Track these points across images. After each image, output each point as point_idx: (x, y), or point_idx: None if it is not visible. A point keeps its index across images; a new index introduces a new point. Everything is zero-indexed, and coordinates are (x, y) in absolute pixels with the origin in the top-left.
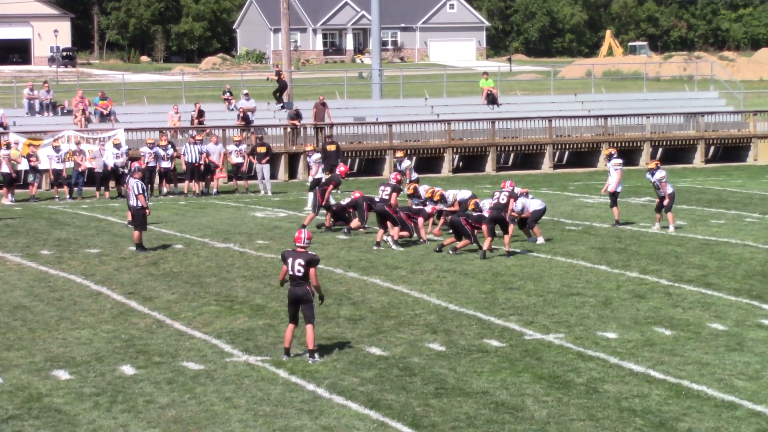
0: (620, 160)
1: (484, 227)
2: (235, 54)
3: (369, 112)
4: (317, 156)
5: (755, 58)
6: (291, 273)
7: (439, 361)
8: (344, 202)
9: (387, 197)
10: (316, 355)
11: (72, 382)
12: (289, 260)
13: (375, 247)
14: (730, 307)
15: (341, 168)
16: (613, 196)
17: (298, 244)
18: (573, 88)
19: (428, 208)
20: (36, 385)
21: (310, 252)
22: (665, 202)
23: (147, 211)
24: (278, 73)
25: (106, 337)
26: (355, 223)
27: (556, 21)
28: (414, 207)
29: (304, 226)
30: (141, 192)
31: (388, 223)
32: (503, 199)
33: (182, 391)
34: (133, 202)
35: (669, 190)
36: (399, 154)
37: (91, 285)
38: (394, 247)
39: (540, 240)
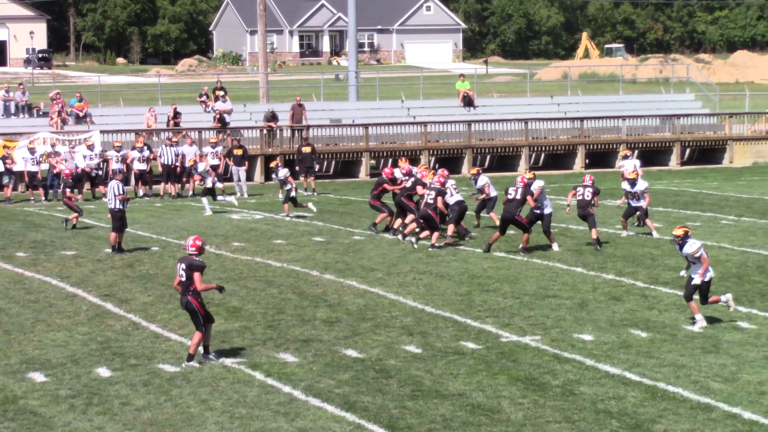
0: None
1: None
2: (211, 56)
3: (345, 114)
4: (285, 172)
5: (731, 61)
6: (179, 278)
7: (416, 363)
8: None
9: (432, 201)
10: (194, 361)
11: (47, 385)
12: (177, 265)
13: (401, 238)
14: (705, 309)
15: (386, 170)
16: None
17: (186, 251)
18: (549, 91)
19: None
20: (11, 387)
21: (196, 258)
22: (641, 210)
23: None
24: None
25: (81, 339)
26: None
27: (533, 23)
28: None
29: (375, 225)
30: (121, 193)
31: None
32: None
33: (158, 393)
34: (111, 204)
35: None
36: (473, 171)
37: (66, 287)
38: (431, 248)
39: (555, 247)
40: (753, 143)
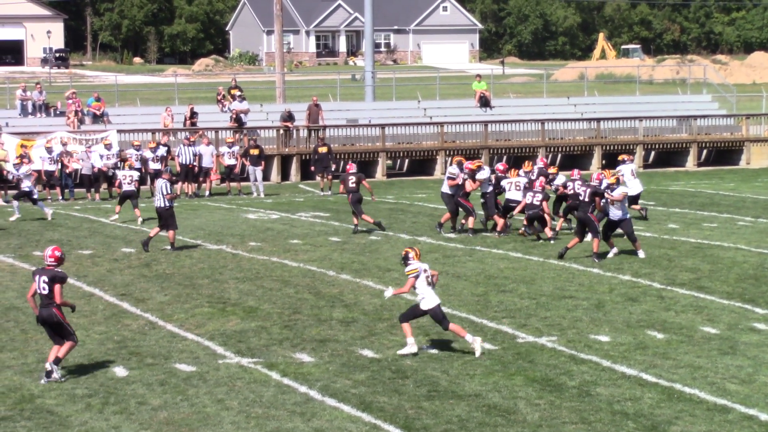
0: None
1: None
2: (228, 56)
3: (361, 114)
4: (25, 170)
5: (748, 62)
6: (38, 291)
7: (432, 363)
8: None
9: (539, 203)
10: (56, 371)
11: (64, 384)
12: (35, 277)
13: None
14: (722, 311)
15: (349, 166)
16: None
17: (45, 262)
18: (566, 91)
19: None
20: (28, 386)
21: (57, 269)
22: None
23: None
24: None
25: (98, 339)
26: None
27: (549, 24)
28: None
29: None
30: (168, 192)
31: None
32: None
33: (174, 392)
34: (159, 203)
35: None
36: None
37: (83, 286)
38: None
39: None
40: None
